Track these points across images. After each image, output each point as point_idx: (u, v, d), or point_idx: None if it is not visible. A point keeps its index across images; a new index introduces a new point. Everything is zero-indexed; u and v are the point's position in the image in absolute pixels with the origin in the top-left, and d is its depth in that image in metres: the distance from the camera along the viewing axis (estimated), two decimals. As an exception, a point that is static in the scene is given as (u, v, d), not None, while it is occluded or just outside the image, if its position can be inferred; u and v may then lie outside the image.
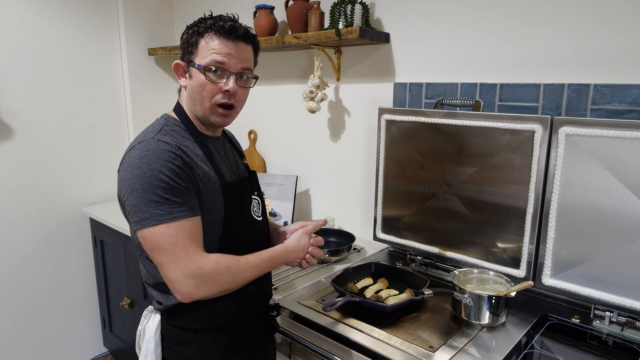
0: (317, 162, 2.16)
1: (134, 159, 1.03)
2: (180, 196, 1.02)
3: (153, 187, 1.00)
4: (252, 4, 2.18)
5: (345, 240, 1.84)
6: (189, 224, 1.03)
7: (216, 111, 1.13)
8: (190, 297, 1.03)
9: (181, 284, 1.01)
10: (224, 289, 1.06)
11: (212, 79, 1.10)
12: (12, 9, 2.15)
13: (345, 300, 1.29)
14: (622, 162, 1.18)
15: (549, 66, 1.42)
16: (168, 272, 1.01)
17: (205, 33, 1.10)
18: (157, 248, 1.01)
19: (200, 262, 1.01)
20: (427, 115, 1.53)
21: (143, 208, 1.00)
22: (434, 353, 1.13)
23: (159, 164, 1.01)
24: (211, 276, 1.02)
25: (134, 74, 2.60)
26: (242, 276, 1.08)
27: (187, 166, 1.06)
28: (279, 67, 2.24)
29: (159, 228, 1.00)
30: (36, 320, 2.42)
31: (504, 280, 1.34)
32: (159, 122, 1.15)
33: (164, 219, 1.00)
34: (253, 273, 1.11)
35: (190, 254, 1.01)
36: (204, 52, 1.10)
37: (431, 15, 1.66)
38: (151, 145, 1.04)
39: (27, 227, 2.32)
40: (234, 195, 1.17)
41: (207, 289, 1.03)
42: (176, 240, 1.00)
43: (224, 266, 1.05)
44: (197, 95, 1.12)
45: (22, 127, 2.25)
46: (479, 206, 1.46)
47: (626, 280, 1.21)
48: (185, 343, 1.15)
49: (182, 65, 1.14)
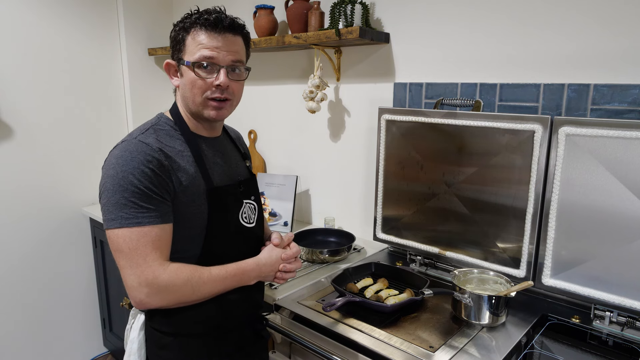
0: (317, 162, 2.16)
1: (112, 158, 1.03)
2: (148, 202, 1.00)
3: (122, 189, 0.99)
4: (252, 4, 2.18)
5: (345, 240, 1.84)
6: (154, 230, 1.01)
7: (209, 104, 1.11)
8: (143, 306, 1.02)
9: (135, 291, 1.00)
10: (181, 301, 1.04)
11: (201, 75, 1.07)
12: (12, 9, 2.15)
13: (345, 300, 1.29)
14: (622, 162, 1.18)
15: (549, 66, 1.42)
16: (125, 276, 1.01)
17: (192, 28, 1.08)
18: (118, 250, 1.01)
19: (157, 272, 1.00)
20: (427, 115, 1.53)
21: (110, 209, 1.00)
22: (434, 353, 1.13)
23: (131, 166, 1.00)
24: (166, 287, 1.01)
25: (134, 74, 2.60)
26: (202, 289, 1.05)
27: (163, 170, 1.03)
28: (279, 67, 2.24)
29: (122, 231, 0.99)
30: (36, 320, 2.42)
31: (504, 280, 1.34)
32: (150, 120, 1.15)
33: (127, 222, 0.99)
34: (216, 287, 1.08)
35: (148, 261, 1.00)
36: (192, 48, 1.07)
37: (431, 16, 1.66)
38: (130, 146, 1.03)
39: (27, 227, 2.32)
40: (219, 200, 1.13)
41: (161, 299, 1.02)
42: (137, 245, 0.99)
43: (182, 278, 1.02)
44: (188, 92, 1.10)
45: (22, 127, 2.25)
46: (479, 206, 1.46)
47: (626, 280, 1.21)
48: (165, 347, 1.13)
49: (172, 65, 1.13)
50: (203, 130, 1.17)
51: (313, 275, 1.60)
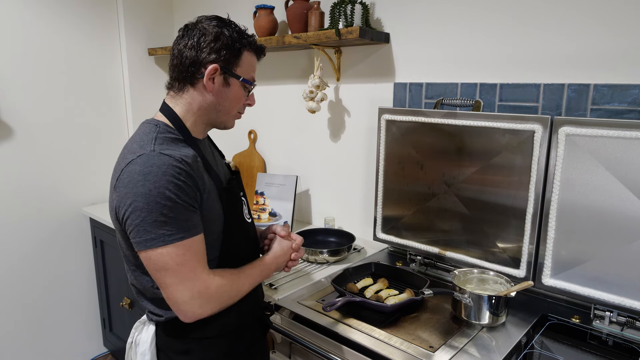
0: (317, 162, 2.16)
1: (136, 175, 0.97)
2: (186, 214, 0.99)
3: (159, 206, 0.95)
4: (252, 4, 2.18)
5: (345, 240, 1.84)
6: (195, 242, 1.00)
7: (236, 117, 1.18)
8: (195, 318, 1.02)
9: (187, 305, 0.99)
10: (226, 305, 1.07)
11: (248, 94, 1.16)
12: (12, 10, 2.15)
13: (345, 300, 1.29)
14: (622, 162, 1.18)
15: (549, 66, 1.42)
16: (175, 292, 0.99)
17: (248, 47, 1.12)
18: (164, 269, 0.98)
19: (208, 282, 1.01)
20: (427, 115, 1.53)
21: (148, 228, 0.96)
22: (434, 353, 1.13)
23: (165, 180, 0.96)
24: (216, 294, 1.03)
25: (134, 74, 2.60)
26: (242, 290, 1.10)
27: (191, 179, 1.01)
28: (279, 67, 2.24)
29: (166, 249, 0.97)
30: (36, 320, 2.42)
31: (504, 280, 1.34)
32: (149, 128, 1.07)
33: (171, 239, 0.96)
34: (251, 284, 1.13)
35: (197, 274, 1.00)
36: (247, 67, 1.12)
37: (431, 15, 1.66)
38: (153, 159, 0.98)
39: (27, 227, 2.32)
40: (230, 199, 1.14)
41: (212, 308, 1.03)
42: (184, 260, 0.98)
43: (228, 282, 1.05)
44: (227, 105, 1.12)
45: (22, 127, 2.25)
46: (479, 206, 1.46)
47: (626, 280, 1.21)
48: (186, 352, 1.12)
49: (218, 70, 1.07)
50: (199, 134, 1.16)
51: (313, 275, 1.60)
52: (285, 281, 1.54)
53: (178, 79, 1.11)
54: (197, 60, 1.07)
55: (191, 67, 1.07)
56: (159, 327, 1.14)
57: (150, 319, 1.15)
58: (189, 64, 1.07)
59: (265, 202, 2.17)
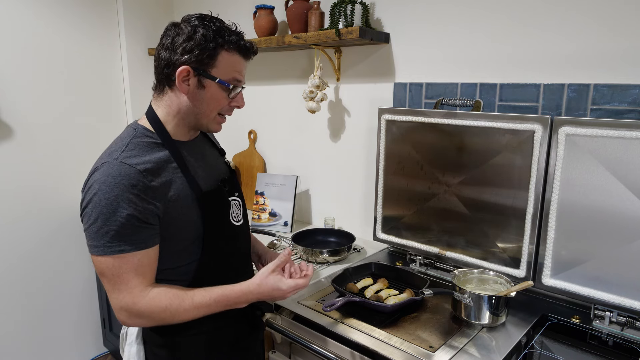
0: (317, 162, 2.16)
1: (95, 183, 0.99)
2: (132, 230, 0.98)
3: (105, 217, 0.97)
4: (252, 4, 2.18)
5: (345, 240, 1.84)
6: (136, 257, 1.00)
7: (217, 120, 1.12)
8: (126, 325, 1.05)
9: (117, 313, 1.02)
10: (161, 324, 1.06)
11: (232, 96, 1.09)
12: (12, 10, 2.15)
13: (345, 300, 1.29)
14: (622, 162, 1.18)
15: (549, 66, 1.42)
16: (110, 298, 1.03)
17: (227, 46, 1.04)
18: (102, 275, 1.01)
19: (136, 298, 1.00)
20: (427, 115, 1.53)
21: (92, 235, 0.99)
22: (434, 353, 1.13)
23: (115, 193, 0.97)
24: (144, 313, 1.01)
25: (134, 74, 2.60)
26: (182, 316, 1.04)
27: (149, 193, 1.00)
28: (279, 67, 2.24)
29: (104, 259, 0.99)
30: (36, 320, 2.41)
31: (504, 280, 1.34)
32: (127, 133, 1.08)
33: (110, 250, 0.98)
34: (199, 313, 1.05)
35: (130, 287, 1.00)
36: (226, 67, 1.05)
37: (431, 16, 1.66)
38: (112, 169, 0.98)
39: (27, 227, 2.32)
40: (211, 205, 1.12)
41: (140, 323, 1.05)
42: (119, 272, 0.99)
43: (161, 306, 1.01)
44: (205, 106, 1.07)
45: (22, 127, 2.24)
46: (479, 206, 1.46)
47: (626, 280, 1.21)
48: (165, 346, 1.14)
49: (190, 72, 1.03)
50: (184, 136, 1.13)
51: (313, 275, 1.60)
52: (285, 281, 1.54)
53: (158, 81, 1.10)
54: (171, 62, 1.04)
55: (166, 69, 1.06)
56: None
57: None
58: (164, 66, 1.06)
59: (265, 202, 2.17)
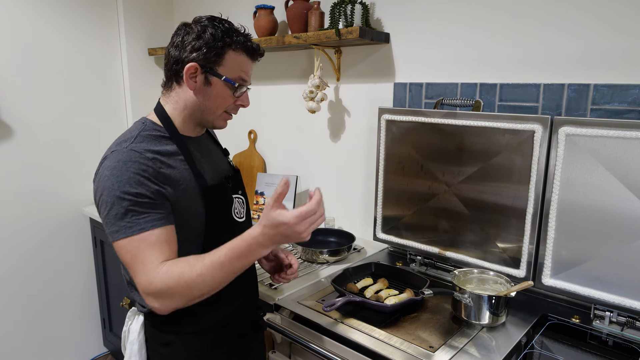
0: (317, 162, 2.16)
1: (105, 170, 1.01)
2: (148, 206, 1.00)
3: (120, 199, 0.98)
4: (252, 4, 2.18)
5: (345, 240, 1.84)
6: (154, 234, 0.99)
7: (223, 117, 1.16)
8: (160, 311, 1.00)
9: (146, 299, 0.99)
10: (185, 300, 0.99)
11: (238, 94, 1.12)
12: (12, 10, 2.15)
13: (345, 300, 1.29)
14: (622, 162, 1.18)
15: (549, 66, 1.42)
16: (137, 285, 1.00)
17: (234, 46, 1.08)
18: (125, 262, 1.01)
19: (151, 277, 0.97)
20: (427, 115, 1.53)
21: (112, 221, 0.99)
22: (434, 353, 1.13)
23: (126, 176, 0.99)
24: (161, 290, 0.97)
25: (134, 74, 2.60)
26: (200, 284, 0.97)
27: (159, 177, 1.02)
28: (279, 67, 2.24)
29: (125, 241, 0.99)
30: (36, 320, 2.42)
31: (504, 280, 1.34)
32: (135, 126, 1.11)
33: (131, 231, 0.98)
34: (215, 276, 0.98)
35: (145, 268, 0.98)
36: (233, 66, 1.09)
37: (431, 16, 1.66)
38: (122, 155, 1.01)
39: (27, 227, 2.32)
40: (215, 199, 1.14)
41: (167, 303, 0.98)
42: (137, 252, 0.98)
43: (174, 277, 0.96)
44: (211, 104, 1.11)
45: (22, 127, 2.25)
46: (479, 206, 1.46)
47: (626, 280, 1.21)
48: (169, 344, 1.14)
49: (197, 69, 1.07)
50: (191, 132, 1.17)
51: (313, 275, 1.60)
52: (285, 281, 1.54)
53: (167, 77, 1.15)
54: (180, 59, 1.09)
55: (175, 66, 1.10)
56: (145, 318, 1.17)
57: (138, 309, 1.18)
58: (173, 62, 1.10)
59: (266, 202, 2.17)
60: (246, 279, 1.22)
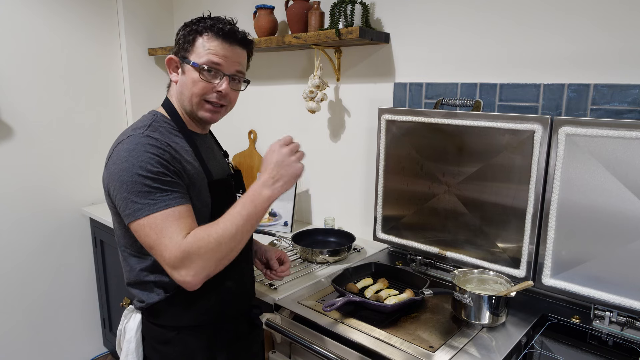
0: (317, 162, 2.16)
1: (123, 152, 1.03)
2: (170, 184, 1.02)
3: (142, 177, 1.00)
4: (252, 4, 2.18)
5: (345, 240, 1.84)
6: (177, 211, 1.01)
7: (204, 106, 1.15)
8: (193, 285, 0.99)
9: (176, 276, 0.99)
10: (218, 258, 1.00)
11: (206, 77, 1.12)
12: (12, 10, 2.15)
13: (345, 300, 1.29)
14: (622, 162, 1.18)
15: (549, 66, 1.42)
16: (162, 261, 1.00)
17: (204, 32, 1.11)
18: (147, 237, 1.00)
19: (179, 245, 0.98)
20: (427, 115, 1.53)
21: (134, 199, 1.00)
22: (434, 353, 1.13)
23: (147, 156, 1.02)
24: (193, 254, 0.97)
25: (134, 74, 2.60)
26: (226, 237, 1.00)
27: (175, 162, 1.06)
28: (279, 67, 2.24)
29: (150, 218, 0.99)
30: (36, 320, 2.42)
31: (504, 280, 1.34)
32: (147, 118, 1.15)
33: (156, 208, 1.00)
34: (237, 225, 1.01)
35: (172, 239, 0.98)
36: (201, 50, 1.11)
37: (431, 16, 1.66)
38: (139, 139, 1.05)
39: (27, 227, 2.32)
40: (221, 192, 1.18)
41: (202, 268, 0.98)
42: (164, 225, 0.99)
43: (202, 238, 0.99)
44: (187, 90, 1.13)
45: (22, 127, 2.25)
46: (479, 206, 1.46)
47: (626, 280, 1.21)
48: (168, 342, 1.15)
49: (175, 60, 1.15)
50: (196, 128, 1.22)
51: (313, 275, 1.60)
52: (285, 281, 1.54)
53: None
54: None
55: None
56: (143, 315, 1.17)
57: (136, 306, 1.18)
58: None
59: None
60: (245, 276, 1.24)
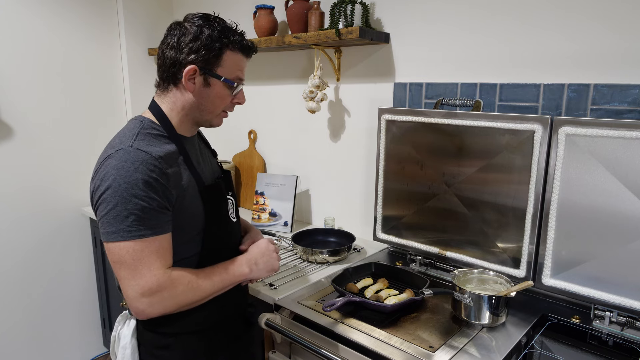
0: (317, 162, 2.16)
1: (111, 169, 0.99)
2: (151, 213, 1.00)
3: (124, 201, 0.97)
4: (252, 4, 2.18)
5: (345, 240, 1.84)
6: (156, 241, 1.01)
7: (221, 116, 1.17)
8: (145, 316, 1.02)
9: (137, 302, 1.00)
10: (182, 305, 1.05)
11: (234, 93, 1.14)
12: (12, 10, 2.15)
13: (345, 300, 1.29)
14: (622, 162, 1.18)
15: (549, 66, 1.42)
16: (126, 288, 1.00)
17: (231, 46, 1.09)
18: (119, 262, 1.00)
19: (160, 279, 1.00)
20: (427, 115, 1.53)
21: (111, 221, 0.98)
22: (434, 353, 1.13)
23: (134, 177, 0.98)
24: (165, 292, 1.01)
25: (134, 74, 2.60)
26: (202, 290, 1.07)
27: (165, 178, 1.02)
28: (279, 67, 2.24)
29: (125, 243, 0.98)
30: (36, 320, 2.42)
31: (504, 280, 1.34)
32: (134, 124, 1.09)
33: (131, 235, 0.98)
34: (214, 284, 1.10)
35: (152, 270, 1.00)
36: (231, 66, 1.10)
37: (431, 15, 1.66)
38: (129, 155, 1.00)
39: (27, 227, 2.32)
40: (213, 198, 1.16)
41: (164, 307, 1.02)
42: (141, 256, 0.99)
43: (183, 282, 1.04)
44: (210, 104, 1.12)
45: (22, 127, 2.25)
46: (479, 206, 1.46)
47: (626, 280, 1.21)
48: (167, 347, 1.13)
49: (197, 71, 1.07)
50: (187, 132, 1.17)
51: (313, 275, 1.60)
52: (285, 281, 1.54)
53: (162, 79, 1.13)
54: (177, 61, 1.07)
55: (172, 68, 1.09)
56: (138, 322, 1.15)
57: (130, 312, 1.17)
58: (170, 64, 1.09)
59: (265, 202, 2.17)
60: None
